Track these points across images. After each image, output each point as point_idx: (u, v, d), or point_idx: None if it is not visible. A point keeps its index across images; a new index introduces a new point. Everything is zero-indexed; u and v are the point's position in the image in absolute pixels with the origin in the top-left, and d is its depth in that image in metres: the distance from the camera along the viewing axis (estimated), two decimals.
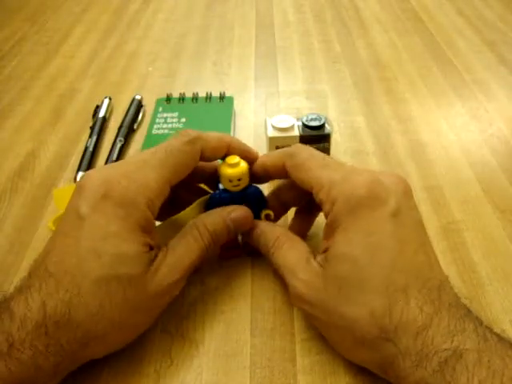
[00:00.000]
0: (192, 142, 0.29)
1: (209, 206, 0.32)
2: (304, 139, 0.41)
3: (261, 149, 0.46)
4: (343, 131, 0.49)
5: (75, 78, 0.60)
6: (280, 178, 0.32)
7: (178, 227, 0.30)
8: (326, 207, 0.27)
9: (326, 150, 0.42)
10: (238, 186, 0.31)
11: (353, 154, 0.46)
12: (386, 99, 0.53)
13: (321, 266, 0.27)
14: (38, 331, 0.23)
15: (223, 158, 0.31)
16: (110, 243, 0.25)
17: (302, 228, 0.35)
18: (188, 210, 0.31)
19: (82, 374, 0.28)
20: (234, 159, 0.30)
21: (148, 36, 0.69)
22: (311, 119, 0.41)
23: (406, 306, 0.23)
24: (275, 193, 0.34)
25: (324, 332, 0.28)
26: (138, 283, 0.25)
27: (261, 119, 0.50)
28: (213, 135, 0.30)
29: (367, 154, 0.46)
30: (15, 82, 0.60)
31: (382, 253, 0.24)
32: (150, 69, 0.61)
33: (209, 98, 0.52)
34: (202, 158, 0.30)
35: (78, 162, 0.45)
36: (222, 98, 0.52)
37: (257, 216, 0.32)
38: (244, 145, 0.32)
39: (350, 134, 0.48)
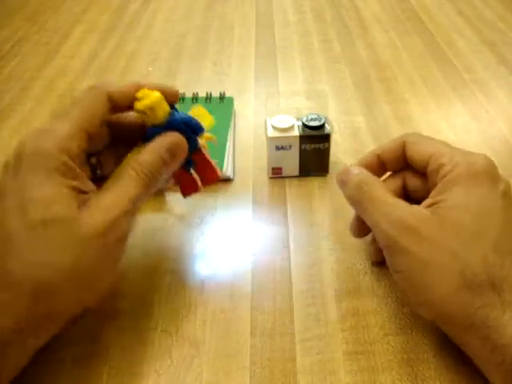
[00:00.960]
0: (94, 86, 0.30)
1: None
2: (304, 139, 0.41)
3: (261, 149, 0.46)
4: (343, 131, 0.49)
5: (75, 78, 0.60)
6: (392, 168, 0.34)
7: None
8: (447, 168, 0.29)
9: (326, 150, 0.42)
10: (154, 118, 0.30)
11: (353, 153, 0.46)
12: (386, 99, 0.53)
13: (431, 211, 0.28)
14: None
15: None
16: (29, 192, 0.25)
17: None
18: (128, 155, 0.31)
19: (82, 374, 0.28)
20: (141, 92, 0.29)
21: (148, 36, 0.69)
22: (311, 119, 0.41)
23: None
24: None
25: (417, 271, 0.27)
26: (70, 224, 0.25)
27: (261, 119, 0.50)
28: (120, 83, 0.30)
29: None
30: (15, 82, 0.60)
31: (495, 218, 0.27)
32: (150, 69, 0.61)
33: (209, 98, 0.52)
34: (115, 103, 0.29)
35: None
36: (221, 98, 0.52)
37: (195, 143, 0.32)
38: (158, 84, 0.31)
39: (350, 133, 0.48)
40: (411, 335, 0.30)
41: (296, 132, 0.41)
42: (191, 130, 0.31)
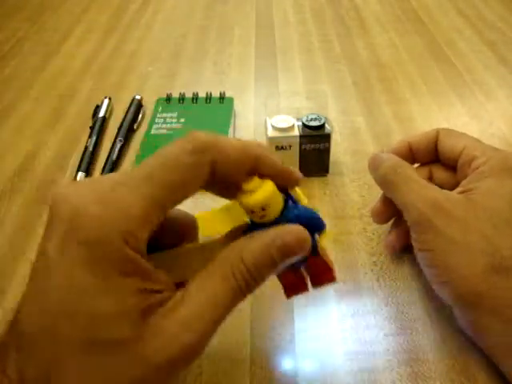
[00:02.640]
0: (200, 150, 0.20)
1: None
2: (304, 139, 0.41)
3: None
4: (343, 131, 0.49)
5: (75, 78, 0.60)
6: (421, 160, 0.35)
7: (203, 259, 0.22)
8: (480, 160, 0.30)
9: (326, 150, 0.42)
10: (264, 216, 0.22)
11: (353, 153, 0.46)
12: (386, 99, 0.53)
13: (464, 196, 0.29)
14: None
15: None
16: (79, 299, 0.19)
17: None
18: (220, 237, 0.24)
19: None
20: (250, 183, 0.22)
21: (148, 36, 0.69)
22: (311, 119, 0.41)
23: None
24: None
25: (446, 250, 0.28)
26: (130, 350, 0.19)
27: (261, 119, 0.50)
28: (232, 143, 0.22)
29: (367, 154, 0.45)
30: (15, 82, 0.60)
31: None
32: (150, 69, 0.61)
33: (209, 98, 0.52)
34: (216, 174, 0.21)
35: (78, 162, 0.45)
36: (221, 98, 0.52)
37: (313, 244, 0.23)
38: (278, 163, 0.23)
39: (349, 133, 0.48)
40: (411, 335, 0.30)
41: (296, 132, 0.41)
42: (310, 227, 0.22)
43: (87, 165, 0.45)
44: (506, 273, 0.26)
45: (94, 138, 0.48)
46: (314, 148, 0.41)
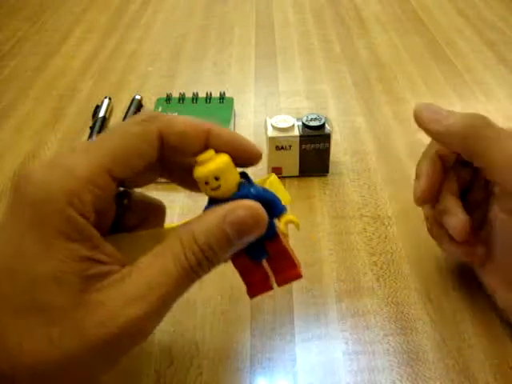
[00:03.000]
0: (146, 120, 0.21)
1: None
2: (304, 139, 0.41)
3: (261, 149, 0.46)
4: (343, 131, 0.49)
5: (75, 78, 0.60)
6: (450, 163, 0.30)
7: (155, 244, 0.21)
8: None
9: (326, 150, 0.42)
10: (217, 187, 0.21)
11: (353, 153, 0.46)
12: (386, 99, 0.53)
13: None
14: None
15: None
16: (22, 261, 0.19)
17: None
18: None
19: None
20: (205, 154, 0.22)
21: (148, 36, 0.69)
22: (311, 119, 0.41)
23: None
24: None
25: None
26: (64, 319, 0.18)
27: (261, 119, 0.50)
28: (182, 118, 0.22)
29: (367, 153, 0.46)
30: (15, 82, 0.60)
31: None
32: (150, 69, 0.61)
33: (209, 98, 0.52)
34: (168, 146, 0.22)
35: None
36: (221, 98, 0.52)
37: (272, 228, 0.23)
38: (235, 136, 0.23)
39: (349, 133, 0.48)
40: (411, 335, 0.30)
41: (296, 132, 0.41)
42: (267, 209, 0.22)
43: None
44: None
45: (94, 138, 0.47)
46: (313, 148, 0.41)
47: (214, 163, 0.21)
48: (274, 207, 0.23)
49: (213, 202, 0.22)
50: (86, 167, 0.19)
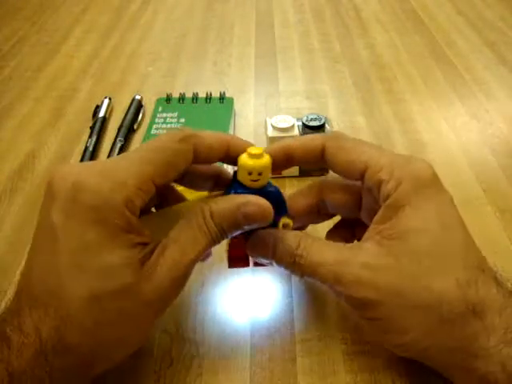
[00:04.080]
0: (183, 139, 0.25)
1: None
2: None
3: None
4: (343, 131, 0.49)
5: (75, 78, 0.60)
6: (302, 164, 0.31)
7: (178, 218, 0.26)
8: (389, 186, 0.25)
9: None
10: (257, 181, 0.26)
11: None
12: (386, 99, 0.53)
13: (381, 245, 0.25)
14: (38, 359, 0.21)
15: (223, 161, 0.28)
16: (90, 255, 0.22)
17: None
18: (195, 199, 0.28)
19: None
20: (257, 149, 0.26)
21: (148, 36, 0.69)
22: (311, 119, 0.41)
23: (486, 282, 0.23)
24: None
25: (391, 317, 0.24)
26: (133, 293, 0.23)
27: (261, 119, 0.50)
28: (210, 133, 0.27)
29: None
30: (15, 82, 0.60)
31: (455, 232, 0.25)
32: (150, 69, 0.61)
33: (209, 98, 0.52)
34: (197, 158, 0.26)
35: (78, 162, 0.45)
36: (221, 98, 0.52)
37: (273, 223, 0.27)
38: (248, 143, 0.28)
39: (349, 133, 0.48)
40: None
41: (296, 132, 0.41)
42: (276, 207, 0.26)
43: None
44: (459, 320, 0.23)
45: (94, 138, 0.48)
46: None
47: (263, 161, 0.26)
48: (281, 208, 0.27)
49: (239, 187, 0.26)
50: (137, 178, 0.24)
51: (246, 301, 0.33)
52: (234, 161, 0.27)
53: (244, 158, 0.26)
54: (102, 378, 0.29)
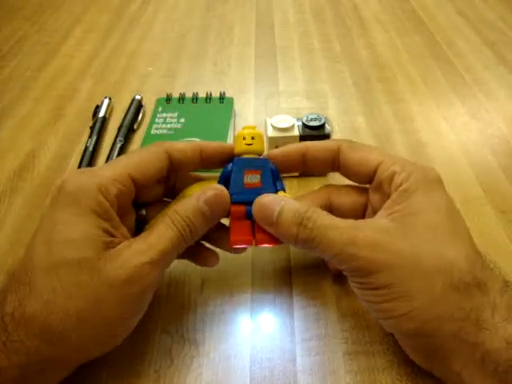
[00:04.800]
0: (156, 144, 0.30)
1: (220, 179, 0.30)
2: (304, 139, 0.41)
3: None
4: (343, 131, 0.49)
5: (75, 78, 0.60)
6: (317, 165, 0.31)
7: None
8: (401, 176, 0.27)
9: None
10: (251, 144, 0.30)
11: None
12: (386, 99, 0.53)
13: (395, 221, 0.26)
14: None
15: (202, 167, 0.31)
16: (57, 230, 0.25)
17: None
18: (196, 186, 0.31)
19: (82, 374, 0.28)
20: (251, 126, 0.31)
21: (148, 36, 0.69)
22: (311, 119, 0.41)
23: (486, 266, 0.25)
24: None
25: (400, 281, 0.24)
26: (92, 268, 0.24)
27: (261, 119, 0.50)
28: (181, 142, 0.31)
29: None
30: (15, 82, 0.60)
31: (460, 222, 0.27)
32: (150, 69, 0.61)
33: (209, 98, 0.52)
34: (172, 160, 0.30)
35: (78, 162, 0.45)
36: (221, 98, 0.52)
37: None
38: (220, 143, 0.31)
39: (350, 134, 0.48)
40: None
41: (296, 132, 0.41)
42: (273, 179, 0.30)
43: (87, 165, 0.45)
44: (467, 291, 0.23)
45: (94, 138, 0.48)
46: None
47: (254, 130, 0.31)
48: (277, 180, 0.30)
49: (240, 159, 0.30)
50: (112, 171, 0.27)
51: (246, 301, 0.33)
52: (210, 166, 0.31)
53: (239, 132, 0.31)
54: (101, 378, 0.29)
